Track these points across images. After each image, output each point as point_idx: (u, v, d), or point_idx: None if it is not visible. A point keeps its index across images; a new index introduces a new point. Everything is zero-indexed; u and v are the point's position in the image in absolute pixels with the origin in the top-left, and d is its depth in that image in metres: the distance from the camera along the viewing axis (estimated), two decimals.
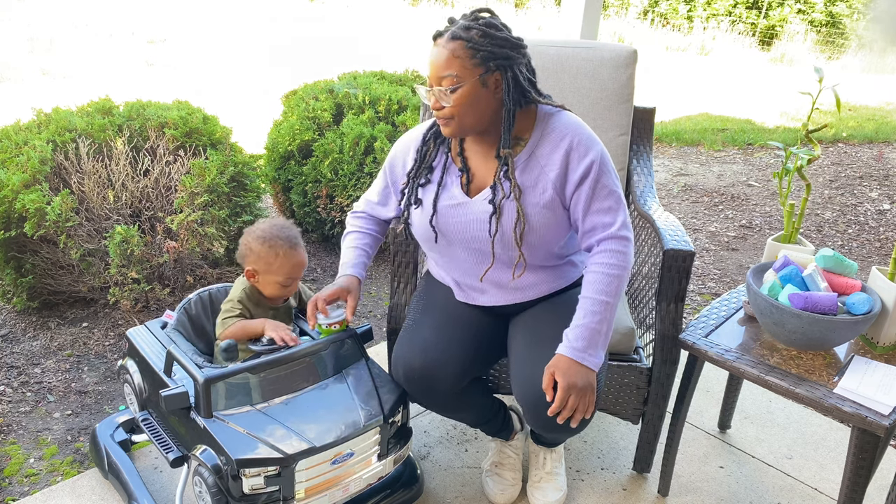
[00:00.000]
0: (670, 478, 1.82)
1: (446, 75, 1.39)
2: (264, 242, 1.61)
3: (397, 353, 1.55)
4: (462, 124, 1.43)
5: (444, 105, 1.41)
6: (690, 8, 11.47)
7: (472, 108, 1.41)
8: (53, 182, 2.46)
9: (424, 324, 1.56)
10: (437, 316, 1.58)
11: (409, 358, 1.51)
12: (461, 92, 1.39)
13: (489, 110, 1.43)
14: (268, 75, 7.03)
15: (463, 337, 1.54)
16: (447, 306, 1.61)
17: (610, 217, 1.45)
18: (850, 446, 1.40)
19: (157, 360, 1.61)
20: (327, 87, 3.21)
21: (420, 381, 1.51)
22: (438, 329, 1.54)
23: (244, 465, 1.35)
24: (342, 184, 2.92)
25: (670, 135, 5.50)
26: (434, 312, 1.60)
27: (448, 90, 1.39)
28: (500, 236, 1.47)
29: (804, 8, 10.96)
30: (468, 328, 1.56)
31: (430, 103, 1.43)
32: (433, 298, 1.65)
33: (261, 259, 1.61)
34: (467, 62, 1.37)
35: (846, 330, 1.44)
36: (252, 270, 1.62)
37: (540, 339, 1.49)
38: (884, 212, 4.10)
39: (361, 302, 2.82)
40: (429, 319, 1.57)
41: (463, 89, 1.38)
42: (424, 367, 1.49)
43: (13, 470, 1.85)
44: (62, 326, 2.52)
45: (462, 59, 1.37)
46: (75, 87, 6.16)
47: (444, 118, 1.43)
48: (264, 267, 1.61)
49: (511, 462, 1.81)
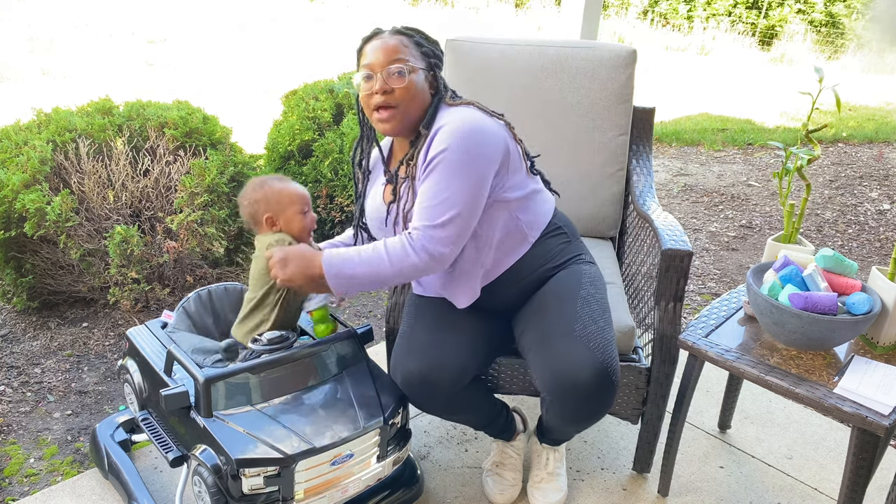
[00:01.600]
0: (670, 478, 1.82)
1: (398, 58, 1.44)
2: (262, 186, 1.61)
3: (395, 360, 1.55)
4: (405, 116, 1.46)
5: (394, 87, 1.43)
6: (690, 8, 11.47)
7: (416, 99, 1.46)
8: (53, 182, 2.46)
9: (419, 328, 1.56)
10: (431, 319, 1.58)
11: (407, 363, 1.51)
12: (412, 78, 1.44)
13: (424, 105, 1.48)
14: (268, 75, 7.03)
15: (459, 338, 1.54)
16: (441, 309, 1.61)
17: (425, 219, 1.40)
18: (850, 446, 1.40)
19: (157, 359, 1.61)
20: (327, 87, 3.21)
21: (420, 386, 1.51)
22: (433, 332, 1.54)
23: (244, 465, 1.35)
24: (342, 184, 2.92)
25: (670, 135, 5.50)
26: (428, 316, 1.60)
27: (400, 71, 1.43)
28: (400, 219, 1.51)
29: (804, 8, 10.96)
30: (464, 329, 1.56)
31: (375, 88, 1.44)
32: (426, 302, 1.65)
33: (270, 200, 1.59)
34: (415, 53, 1.47)
35: (846, 330, 1.44)
36: (271, 218, 1.60)
37: (552, 335, 1.48)
38: (884, 212, 4.10)
39: (361, 302, 2.82)
40: (423, 323, 1.57)
41: (414, 75, 1.45)
42: (423, 372, 1.49)
43: (13, 470, 1.85)
44: (62, 326, 2.52)
45: (410, 49, 1.47)
46: (75, 87, 6.16)
47: (389, 107, 1.45)
48: (277, 206, 1.59)
49: (512, 462, 1.81)
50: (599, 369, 1.41)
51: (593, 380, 1.41)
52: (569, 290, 1.55)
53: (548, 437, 1.76)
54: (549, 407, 1.52)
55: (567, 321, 1.48)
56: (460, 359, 1.51)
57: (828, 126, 5.16)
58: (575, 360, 1.42)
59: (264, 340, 1.56)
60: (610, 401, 1.47)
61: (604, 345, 1.45)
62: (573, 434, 1.70)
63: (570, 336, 1.45)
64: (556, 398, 1.46)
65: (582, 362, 1.41)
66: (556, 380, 1.43)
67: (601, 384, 1.42)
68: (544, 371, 1.46)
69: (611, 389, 1.44)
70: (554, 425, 1.61)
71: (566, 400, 1.45)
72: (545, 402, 1.54)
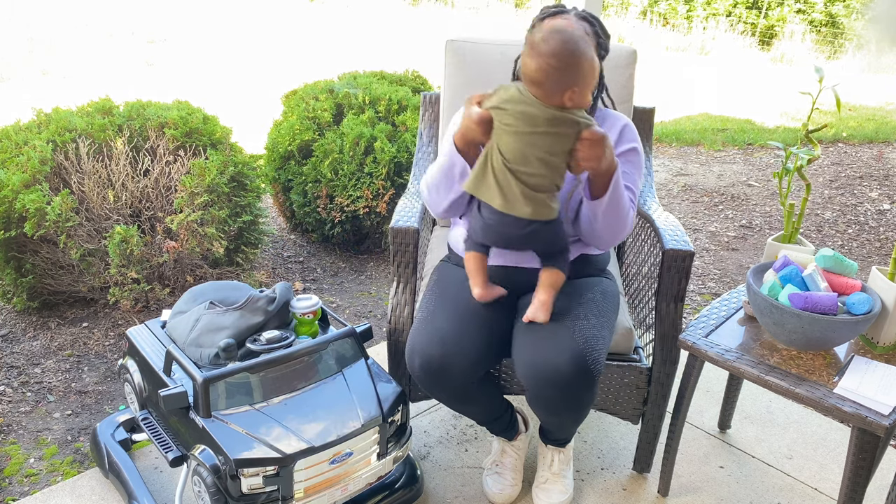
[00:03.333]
0: (670, 478, 1.82)
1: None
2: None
3: (413, 344, 1.53)
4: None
5: None
6: (690, 8, 11.46)
7: None
8: (53, 182, 2.46)
9: (440, 315, 1.56)
10: (451, 307, 1.58)
11: (427, 348, 1.50)
12: None
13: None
14: (268, 75, 7.03)
15: (479, 329, 1.54)
16: (460, 298, 1.61)
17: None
18: (850, 446, 1.40)
19: (157, 359, 1.61)
20: (327, 87, 3.21)
21: (437, 372, 1.50)
22: (454, 320, 1.54)
23: (242, 464, 1.36)
24: (342, 184, 2.92)
25: (670, 135, 5.50)
26: (448, 304, 1.59)
27: None
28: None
29: (804, 8, 10.96)
30: (482, 321, 1.57)
31: None
32: (447, 290, 1.65)
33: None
34: (591, 42, 1.45)
35: (846, 330, 1.44)
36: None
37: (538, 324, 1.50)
38: (884, 212, 4.10)
39: (361, 302, 2.82)
40: (444, 311, 1.57)
41: None
42: (443, 357, 1.48)
43: (13, 470, 1.85)
44: (62, 326, 2.52)
45: (589, 37, 1.50)
46: (75, 87, 6.16)
47: None
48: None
49: (512, 462, 1.81)
50: (577, 357, 1.41)
51: (570, 367, 1.41)
52: (576, 293, 1.59)
53: (548, 437, 1.77)
54: (531, 399, 1.53)
55: (558, 314, 1.50)
56: (478, 351, 1.51)
57: (828, 126, 5.16)
58: (556, 346, 1.43)
59: (263, 340, 1.56)
60: (588, 393, 1.47)
61: (588, 337, 1.46)
62: (566, 432, 1.70)
63: (556, 325, 1.47)
64: (533, 385, 1.47)
65: (561, 348, 1.43)
66: (534, 365, 1.45)
67: (579, 373, 1.42)
68: (524, 356, 1.47)
69: (589, 380, 1.44)
70: (541, 420, 1.62)
71: (544, 387, 1.45)
72: (527, 396, 1.54)
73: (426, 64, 4.97)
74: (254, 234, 2.86)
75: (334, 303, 2.81)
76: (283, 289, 1.67)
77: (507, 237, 1.46)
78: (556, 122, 1.33)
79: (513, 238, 1.46)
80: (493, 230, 1.46)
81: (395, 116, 3.07)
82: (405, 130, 3.00)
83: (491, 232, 1.47)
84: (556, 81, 1.32)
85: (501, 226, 1.43)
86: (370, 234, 3.18)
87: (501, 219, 1.42)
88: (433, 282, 1.72)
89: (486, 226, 1.47)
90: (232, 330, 1.58)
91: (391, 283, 1.78)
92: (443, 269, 1.76)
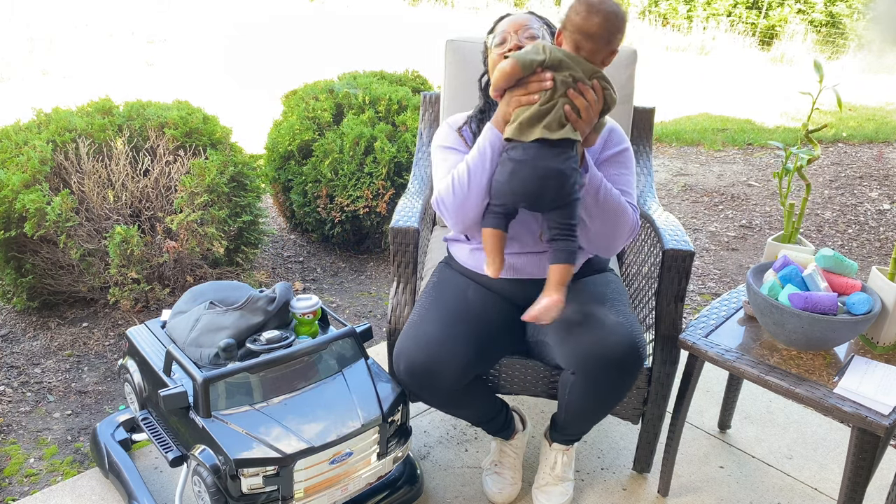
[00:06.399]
0: (670, 478, 1.82)
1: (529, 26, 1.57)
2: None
3: (400, 348, 1.54)
4: None
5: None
6: (690, 8, 11.46)
7: None
8: (53, 182, 2.46)
9: (429, 319, 1.56)
10: (443, 312, 1.58)
11: (412, 353, 1.50)
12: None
13: None
14: (268, 75, 7.03)
15: (468, 335, 1.53)
16: (454, 303, 1.60)
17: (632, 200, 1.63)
18: (850, 446, 1.40)
19: (157, 359, 1.61)
20: (327, 87, 3.21)
21: (422, 377, 1.50)
22: (443, 325, 1.53)
23: (242, 464, 1.36)
24: (342, 184, 2.92)
25: (670, 135, 5.50)
26: (441, 308, 1.59)
27: (531, 35, 1.57)
28: None
29: (804, 8, 10.96)
30: (474, 326, 1.56)
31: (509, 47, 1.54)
32: (442, 294, 1.64)
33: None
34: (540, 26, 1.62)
35: (846, 330, 1.44)
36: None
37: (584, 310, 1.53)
38: (884, 212, 4.10)
39: (361, 302, 2.82)
40: (434, 315, 1.57)
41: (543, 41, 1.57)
42: (427, 363, 1.48)
43: (13, 470, 1.85)
44: (62, 326, 2.52)
45: (536, 21, 1.61)
46: (75, 87, 6.16)
47: None
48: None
49: (511, 461, 1.81)
50: (632, 341, 1.47)
51: (626, 349, 1.45)
52: (596, 288, 1.63)
53: (562, 434, 1.73)
54: (574, 385, 1.53)
55: (598, 300, 1.56)
56: (466, 357, 1.50)
57: (828, 126, 5.17)
58: (610, 329, 1.47)
59: (263, 340, 1.56)
60: (635, 376, 1.51)
61: (635, 323, 1.52)
62: (586, 426, 1.67)
63: (604, 309, 1.52)
64: (586, 370, 1.48)
65: (617, 331, 1.47)
66: (589, 347, 1.46)
67: (632, 354, 1.46)
68: (578, 341, 1.48)
69: (639, 365, 1.49)
70: (576, 409, 1.59)
71: (597, 370, 1.47)
72: (568, 384, 1.54)
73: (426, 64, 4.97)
74: (254, 234, 2.86)
75: (334, 303, 2.81)
76: (283, 289, 1.67)
77: (543, 173, 1.36)
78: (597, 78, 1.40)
79: (549, 173, 1.36)
80: (527, 165, 1.36)
81: (395, 116, 3.07)
82: (405, 130, 3.00)
83: (525, 168, 1.37)
84: (608, 41, 1.37)
85: (538, 159, 1.36)
86: (370, 234, 3.18)
87: (538, 151, 1.36)
88: (431, 284, 1.72)
89: (517, 165, 1.37)
90: (232, 330, 1.58)
91: (391, 283, 1.78)
92: (443, 270, 1.75)
